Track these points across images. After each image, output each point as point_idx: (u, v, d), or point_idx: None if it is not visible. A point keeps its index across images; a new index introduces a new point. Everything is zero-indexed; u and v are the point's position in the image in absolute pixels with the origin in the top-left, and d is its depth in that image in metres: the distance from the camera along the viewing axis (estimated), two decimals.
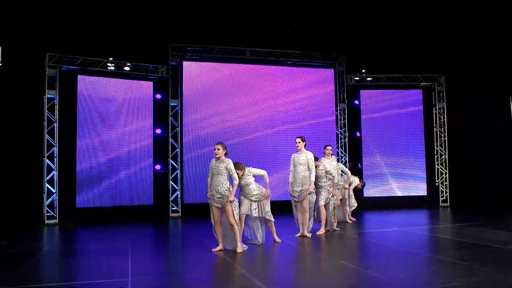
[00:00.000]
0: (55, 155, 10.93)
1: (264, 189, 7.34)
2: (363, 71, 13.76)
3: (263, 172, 7.44)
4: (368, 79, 13.72)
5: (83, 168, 11.19)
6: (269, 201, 7.45)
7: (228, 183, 6.78)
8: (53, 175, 10.91)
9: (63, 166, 11.02)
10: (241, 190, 7.30)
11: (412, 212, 12.28)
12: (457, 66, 12.96)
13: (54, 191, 10.87)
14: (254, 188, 7.25)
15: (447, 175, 13.56)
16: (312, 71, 13.30)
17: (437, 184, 13.53)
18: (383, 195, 13.49)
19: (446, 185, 13.55)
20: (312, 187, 7.87)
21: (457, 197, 13.48)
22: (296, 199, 8.06)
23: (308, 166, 7.91)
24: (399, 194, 13.59)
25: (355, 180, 10.63)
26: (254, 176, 7.38)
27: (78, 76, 11.24)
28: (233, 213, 6.74)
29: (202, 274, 5.75)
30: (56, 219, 10.79)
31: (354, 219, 10.37)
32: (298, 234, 8.10)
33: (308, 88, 13.21)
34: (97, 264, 6.31)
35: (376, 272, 5.39)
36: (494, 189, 13.35)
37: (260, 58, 12.84)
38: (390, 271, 5.54)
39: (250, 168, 7.46)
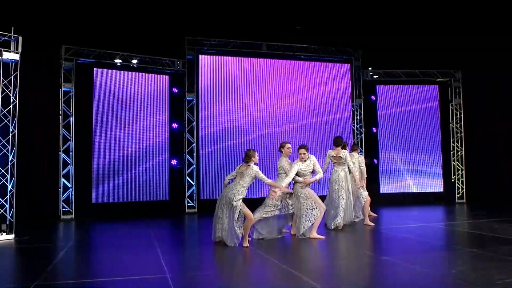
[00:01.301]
0: (71, 150, 10.72)
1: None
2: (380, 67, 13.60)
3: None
4: (384, 74, 13.55)
5: (99, 162, 10.99)
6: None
7: None
8: (69, 169, 10.70)
9: (79, 160, 10.81)
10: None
11: (429, 208, 12.17)
12: (474, 62, 12.85)
13: (70, 186, 10.66)
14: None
15: (463, 172, 13.45)
16: (328, 66, 13.15)
17: (453, 180, 13.41)
18: (399, 191, 13.36)
19: (462, 181, 13.43)
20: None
21: (474, 194, 13.38)
22: None
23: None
24: (415, 190, 13.46)
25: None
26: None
27: (94, 69, 11.02)
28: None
29: (240, 270, 5.60)
30: (72, 214, 10.59)
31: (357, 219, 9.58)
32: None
33: (325, 83, 13.05)
34: (130, 259, 6.14)
35: (424, 267, 5.25)
36: (511, 186, 13.23)
37: (277, 52, 12.67)
38: (437, 266, 5.40)
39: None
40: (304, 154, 7.51)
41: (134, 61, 11.54)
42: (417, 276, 4.98)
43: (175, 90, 12.08)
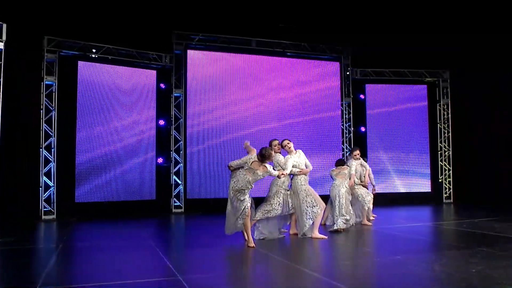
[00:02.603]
0: (53, 146, 10.18)
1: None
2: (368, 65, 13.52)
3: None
4: (373, 73, 13.46)
5: (83, 160, 10.48)
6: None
7: None
8: (51, 167, 10.15)
9: (61, 157, 10.28)
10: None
11: (418, 208, 12.11)
12: (462, 62, 12.91)
13: (51, 184, 10.12)
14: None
15: (450, 172, 13.47)
16: (318, 64, 12.96)
17: (440, 180, 13.41)
18: (386, 191, 13.26)
19: (449, 181, 13.45)
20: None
21: (461, 194, 13.41)
22: None
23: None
24: (402, 190, 13.41)
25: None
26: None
27: (79, 62, 10.53)
28: None
29: (251, 271, 5.29)
30: (53, 214, 10.05)
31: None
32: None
33: (314, 81, 12.86)
34: (131, 261, 5.74)
35: (446, 268, 5.06)
36: (496, 186, 13.32)
37: (266, 49, 12.39)
38: (455, 266, 5.21)
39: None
40: (288, 143, 7.49)
41: (121, 55, 11.05)
42: (439, 276, 4.79)
43: (162, 85, 11.66)
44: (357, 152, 8.99)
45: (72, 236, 8.11)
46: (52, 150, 10.16)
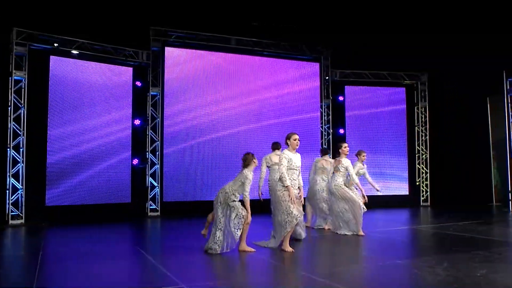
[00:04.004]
0: (21, 146, 9.54)
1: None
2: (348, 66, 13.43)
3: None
4: (353, 75, 13.37)
5: (54, 160, 9.87)
6: None
7: None
8: (19, 168, 9.51)
9: (31, 158, 9.65)
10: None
11: (398, 211, 12.06)
12: (440, 65, 12.95)
13: (20, 187, 9.48)
14: None
15: (428, 175, 13.50)
16: (297, 65, 12.77)
17: (418, 183, 13.42)
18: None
19: (426, 184, 13.48)
20: None
21: (437, 197, 13.47)
22: None
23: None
24: (380, 193, 13.30)
25: None
26: None
27: (51, 56, 9.92)
28: None
29: (253, 278, 4.97)
30: (22, 219, 9.41)
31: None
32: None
33: (293, 82, 12.65)
34: (122, 269, 5.33)
35: (451, 272, 4.91)
36: (471, 189, 13.46)
37: (246, 48, 12.09)
38: (458, 269, 5.06)
39: None
40: None
41: (96, 50, 10.51)
42: (446, 280, 4.61)
43: (138, 83, 11.18)
44: (365, 154, 8.87)
45: (46, 242, 7.56)
46: (21, 150, 9.52)
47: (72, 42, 10.17)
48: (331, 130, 13.04)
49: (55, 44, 9.95)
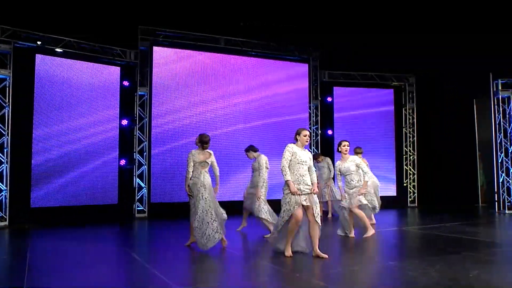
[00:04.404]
0: (6, 146, 9.32)
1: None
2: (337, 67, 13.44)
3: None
4: (341, 76, 13.38)
5: (40, 161, 9.67)
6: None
7: None
8: (3, 168, 9.30)
9: (16, 158, 9.42)
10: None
11: (386, 212, 12.02)
12: (427, 67, 13.04)
13: (4, 188, 9.26)
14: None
15: (415, 176, 13.57)
16: (287, 65, 12.74)
17: (405, 184, 13.48)
18: None
19: (414, 185, 13.55)
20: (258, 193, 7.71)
21: (424, 198, 13.54)
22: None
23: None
24: None
25: None
26: None
27: (37, 55, 9.72)
28: None
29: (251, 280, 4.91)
30: (6, 221, 9.19)
31: None
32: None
33: (282, 82, 12.61)
34: (119, 275, 5.23)
35: (444, 273, 4.91)
36: (457, 190, 13.57)
37: (235, 48, 12.01)
38: (450, 270, 5.06)
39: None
40: None
41: (83, 49, 10.33)
42: (441, 281, 4.60)
43: (126, 83, 11.02)
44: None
45: (31, 245, 7.39)
46: (5, 150, 9.31)
47: (58, 40, 9.99)
48: (320, 131, 13.03)
49: (38, 42, 9.73)
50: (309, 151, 6.37)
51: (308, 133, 6.05)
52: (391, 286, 4.70)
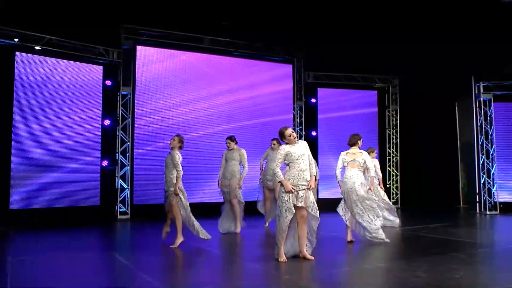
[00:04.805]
0: None
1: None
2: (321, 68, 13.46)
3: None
4: (326, 77, 13.40)
5: (19, 162, 9.42)
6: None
7: None
8: None
9: None
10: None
11: None
12: (411, 69, 13.16)
13: None
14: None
15: (398, 177, 13.66)
16: (271, 66, 12.72)
17: (388, 186, 13.56)
18: (336, 197, 13.14)
19: (397, 186, 13.64)
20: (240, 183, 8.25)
21: (407, 199, 13.64)
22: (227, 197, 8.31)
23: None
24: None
25: None
26: None
27: (16, 53, 9.48)
28: None
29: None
30: None
31: None
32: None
33: (267, 83, 12.58)
34: (93, 271, 5.12)
35: (432, 274, 4.95)
36: (439, 191, 13.71)
37: (219, 48, 11.93)
38: (437, 272, 5.08)
39: None
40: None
41: (64, 47, 10.11)
42: (430, 282, 4.62)
43: (108, 82, 10.84)
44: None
45: (11, 248, 7.21)
46: None
47: (39, 38, 9.77)
48: (304, 132, 13.02)
49: (16, 40, 9.48)
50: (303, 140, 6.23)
51: (290, 131, 5.82)
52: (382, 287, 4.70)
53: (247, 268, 5.74)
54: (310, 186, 5.66)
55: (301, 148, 5.77)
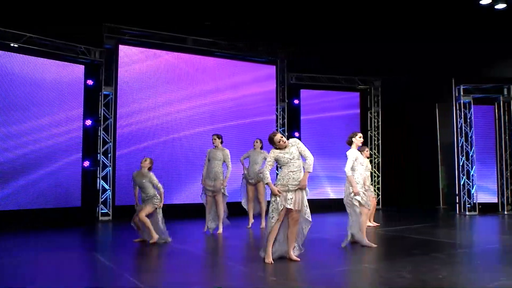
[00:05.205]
0: None
1: None
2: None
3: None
4: (309, 79, 13.45)
5: None
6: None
7: None
8: None
9: None
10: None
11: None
12: (393, 71, 13.30)
13: None
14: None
15: (380, 178, 13.78)
16: (254, 67, 12.73)
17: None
18: (317, 198, 13.21)
19: (379, 188, 13.76)
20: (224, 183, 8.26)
21: (388, 200, 13.77)
22: (210, 194, 8.31)
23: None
24: (333, 196, 13.46)
25: None
26: None
27: None
28: None
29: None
30: None
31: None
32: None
33: (250, 84, 12.58)
34: (77, 273, 5.03)
35: (416, 275, 5.00)
36: (419, 192, 13.89)
37: (203, 48, 11.88)
38: (428, 273, 5.12)
39: None
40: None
41: (44, 46, 9.93)
42: (414, 283, 4.67)
43: (90, 82, 10.69)
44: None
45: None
46: None
47: (18, 36, 9.56)
48: (286, 133, 13.03)
49: None
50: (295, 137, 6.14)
51: (279, 136, 5.72)
52: None
53: (233, 269, 5.72)
54: (301, 185, 5.57)
55: (291, 152, 5.68)
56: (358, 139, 7.07)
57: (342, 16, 12.27)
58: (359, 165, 6.91)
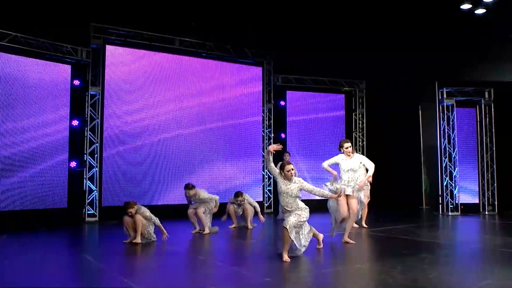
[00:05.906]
0: None
1: None
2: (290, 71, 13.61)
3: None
4: (295, 80, 13.55)
5: None
6: None
7: None
8: None
9: None
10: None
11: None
12: (378, 74, 13.48)
13: None
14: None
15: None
16: (241, 68, 12.77)
17: None
18: (303, 199, 13.28)
19: None
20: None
21: (372, 200, 13.89)
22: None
23: None
24: (318, 197, 13.53)
25: None
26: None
27: None
28: None
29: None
30: None
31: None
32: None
33: (236, 85, 12.63)
34: (66, 275, 5.01)
35: (407, 275, 5.09)
36: (404, 192, 14.08)
37: (190, 49, 11.87)
38: (419, 273, 5.24)
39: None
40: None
41: (30, 45, 9.81)
42: (405, 284, 4.77)
43: (76, 82, 10.61)
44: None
45: None
46: None
47: (3, 34, 9.42)
48: (273, 135, 13.12)
49: None
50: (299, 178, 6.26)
51: (291, 167, 5.90)
52: None
53: (227, 270, 5.75)
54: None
55: (293, 187, 5.90)
56: (344, 150, 7.48)
57: (327, 18, 12.44)
58: (350, 171, 7.47)
